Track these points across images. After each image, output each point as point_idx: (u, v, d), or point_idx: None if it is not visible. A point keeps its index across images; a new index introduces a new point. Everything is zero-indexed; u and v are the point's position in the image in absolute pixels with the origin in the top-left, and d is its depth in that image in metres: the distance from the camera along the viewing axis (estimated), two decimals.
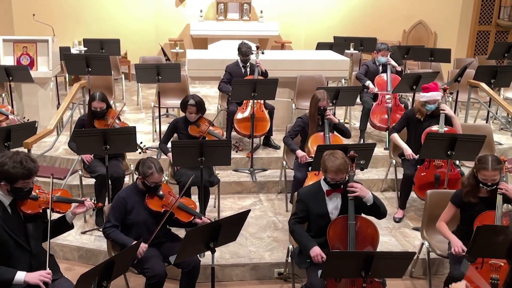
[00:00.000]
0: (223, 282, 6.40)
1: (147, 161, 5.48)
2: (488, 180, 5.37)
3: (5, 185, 4.47)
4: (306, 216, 5.46)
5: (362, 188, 5.34)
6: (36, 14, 12.04)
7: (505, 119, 10.66)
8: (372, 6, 15.31)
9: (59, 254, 6.69)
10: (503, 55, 11.95)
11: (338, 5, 15.74)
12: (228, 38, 14.25)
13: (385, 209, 5.50)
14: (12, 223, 4.56)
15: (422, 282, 6.49)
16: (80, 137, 6.73)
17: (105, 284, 4.30)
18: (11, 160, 4.42)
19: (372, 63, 9.72)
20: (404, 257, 4.74)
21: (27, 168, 4.42)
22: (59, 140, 8.97)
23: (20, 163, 4.41)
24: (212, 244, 4.87)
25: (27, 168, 4.43)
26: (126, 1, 14.82)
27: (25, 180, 4.46)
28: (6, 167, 4.40)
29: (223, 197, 7.92)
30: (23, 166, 4.41)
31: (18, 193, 4.53)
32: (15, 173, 4.39)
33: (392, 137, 7.63)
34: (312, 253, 5.22)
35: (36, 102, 9.57)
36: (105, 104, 7.34)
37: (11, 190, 4.49)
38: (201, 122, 7.38)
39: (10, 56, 9.49)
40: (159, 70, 8.88)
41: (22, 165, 4.41)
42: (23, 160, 4.43)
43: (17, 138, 6.82)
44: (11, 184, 4.45)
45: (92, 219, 7.30)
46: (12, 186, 4.46)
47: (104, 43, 11.83)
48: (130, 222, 5.52)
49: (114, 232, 5.43)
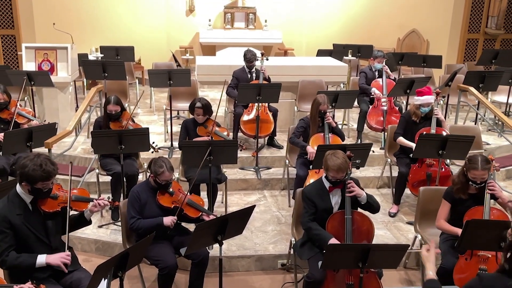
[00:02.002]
0: (230, 272, 6.40)
1: (158, 160, 5.48)
2: (478, 179, 5.36)
3: (26, 185, 4.48)
4: (315, 212, 5.46)
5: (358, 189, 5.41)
6: (56, 23, 12.06)
7: (492, 120, 10.64)
8: (368, 15, 15.30)
9: (77, 247, 6.71)
10: (491, 61, 11.92)
11: (337, 15, 15.74)
12: (234, 46, 14.28)
13: (378, 205, 5.56)
14: (33, 219, 4.57)
15: (415, 272, 6.48)
16: (97, 137, 6.76)
17: (120, 274, 4.29)
18: (31, 163, 4.42)
19: (369, 70, 9.69)
20: (398, 249, 4.73)
21: (46, 171, 4.42)
22: (77, 140, 8.99)
23: (40, 166, 4.40)
24: (220, 237, 4.86)
25: (46, 171, 4.43)
26: (140, 11, 14.84)
27: (44, 182, 4.46)
28: (27, 169, 4.40)
29: (230, 193, 7.92)
30: (43, 169, 4.40)
31: (37, 193, 4.53)
32: (34, 175, 4.40)
33: (399, 140, 7.57)
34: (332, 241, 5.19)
35: (56, 105, 9.58)
36: (120, 107, 7.34)
37: (32, 190, 4.50)
38: (208, 124, 7.39)
39: (32, 62, 9.52)
40: (171, 75, 8.90)
41: (41, 168, 4.40)
42: (43, 163, 4.43)
43: (39, 139, 6.83)
44: (31, 185, 4.46)
45: (108, 214, 7.31)
46: (32, 187, 4.47)
47: (120, 50, 11.84)
48: (143, 217, 5.52)
49: (141, 223, 5.41)
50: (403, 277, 6.40)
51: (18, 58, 12.88)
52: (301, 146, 7.35)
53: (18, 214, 4.49)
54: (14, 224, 4.45)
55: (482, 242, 4.85)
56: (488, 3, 13.95)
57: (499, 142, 9.84)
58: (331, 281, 5.13)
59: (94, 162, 7.83)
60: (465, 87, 9.67)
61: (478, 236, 4.77)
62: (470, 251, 5.19)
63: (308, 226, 5.42)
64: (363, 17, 15.41)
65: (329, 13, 15.74)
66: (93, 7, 14.12)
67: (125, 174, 6.96)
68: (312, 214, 5.44)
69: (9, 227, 4.44)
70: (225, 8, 15.36)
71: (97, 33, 13.97)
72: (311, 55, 14.18)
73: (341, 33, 15.39)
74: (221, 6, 15.45)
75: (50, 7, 13.20)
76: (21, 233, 4.49)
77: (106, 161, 7.27)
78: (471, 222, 4.77)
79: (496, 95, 11.15)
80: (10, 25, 12.89)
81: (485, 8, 14.01)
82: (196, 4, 15.37)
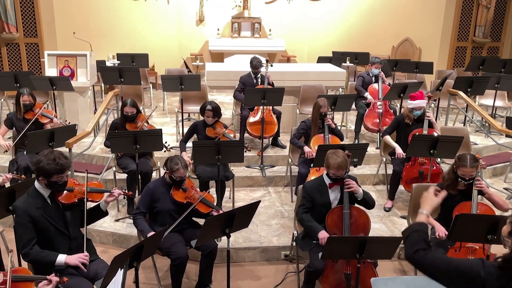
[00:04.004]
0: (237, 263, 6.40)
1: (174, 158, 5.52)
2: (466, 176, 5.36)
3: (43, 180, 4.49)
4: (312, 206, 5.47)
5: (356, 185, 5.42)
6: (76, 32, 12.08)
7: (480, 122, 10.62)
8: (365, 25, 15.28)
9: (96, 239, 6.72)
10: (478, 67, 11.92)
11: (336, 24, 15.71)
12: (241, 53, 14.26)
13: (373, 201, 5.58)
14: (51, 212, 4.57)
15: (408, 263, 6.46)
16: (114, 138, 6.77)
17: (135, 265, 4.30)
18: (46, 158, 4.43)
19: (367, 75, 9.71)
20: (393, 241, 4.73)
21: (60, 164, 4.43)
22: (96, 141, 9.00)
23: (53, 160, 4.41)
24: (227, 230, 4.86)
25: (60, 164, 4.43)
26: (153, 21, 14.86)
27: (59, 175, 4.46)
28: (42, 164, 4.41)
29: (237, 189, 7.91)
30: (56, 163, 4.41)
31: (54, 186, 4.53)
32: (49, 169, 4.40)
33: (385, 138, 7.63)
34: (320, 235, 5.24)
35: (76, 108, 9.61)
36: (135, 109, 7.35)
37: (48, 184, 4.50)
38: (217, 125, 7.40)
39: (53, 68, 9.54)
40: (182, 80, 8.92)
41: (55, 162, 4.41)
42: (56, 158, 4.44)
43: (60, 139, 6.85)
44: (47, 178, 4.46)
45: (124, 209, 7.32)
46: (48, 180, 4.47)
47: (135, 57, 11.86)
48: (157, 210, 5.53)
49: (139, 220, 5.44)
50: (397, 267, 6.39)
51: (41, 65, 12.94)
52: (299, 147, 7.36)
53: (38, 208, 4.50)
54: (35, 217, 4.46)
55: (470, 235, 4.84)
56: (476, 14, 13.94)
57: (486, 142, 9.82)
58: (330, 270, 5.14)
59: (111, 161, 7.84)
60: (454, 91, 9.66)
61: (467, 229, 4.76)
62: (459, 243, 5.20)
63: (301, 217, 5.48)
64: (360, 27, 15.40)
65: (328, 23, 15.73)
66: (110, 17, 14.14)
67: (139, 172, 6.96)
68: (307, 208, 5.48)
69: (30, 221, 4.44)
70: (232, 18, 15.37)
71: (114, 42, 13.99)
72: (312, 61, 14.17)
73: (339, 42, 15.38)
74: (229, 16, 15.47)
75: (71, 17, 13.22)
76: (42, 225, 4.50)
77: (122, 160, 7.30)
78: (460, 216, 4.76)
79: (483, 98, 11.16)
80: (33, 34, 12.91)
81: (473, 18, 13.99)
82: (206, 15, 15.37)
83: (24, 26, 12.85)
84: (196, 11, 15.33)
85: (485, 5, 13.73)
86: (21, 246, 4.47)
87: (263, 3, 15.65)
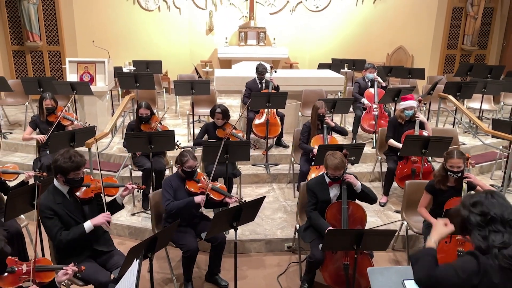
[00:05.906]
0: (244, 253, 6.41)
1: (183, 152, 5.57)
2: (454, 167, 5.37)
3: (61, 177, 4.52)
4: (316, 202, 5.47)
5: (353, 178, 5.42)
6: (95, 40, 12.08)
7: (468, 124, 10.58)
8: (362, 34, 15.25)
9: (113, 231, 6.73)
10: (466, 73, 11.87)
11: (335, 34, 15.69)
12: (247, 60, 14.26)
13: (375, 195, 5.52)
14: (71, 206, 4.59)
15: (402, 253, 6.46)
16: (130, 138, 6.78)
17: (149, 255, 4.30)
18: (62, 157, 4.46)
19: (363, 80, 9.70)
20: (387, 234, 4.72)
21: (75, 161, 4.46)
22: (113, 141, 9.01)
23: (69, 158, 4.44)
24: (235, 224, 4.87)
25: (76, 162, 4.46)
26: (166, 30, 14.87)
27: (75, 171, 4.48)
28: (59, 162, 4.45)
29: (243, 186, 7.94)
30: (72, 160, 4.44)
31: (71, 183, 4.55)
32: (66, 166, 4.43)
33: (390, 142, 7.58)
34: None
35: (95, 110, 9.62)
36: (150, 111, 7.37)
37: (66, 181, 4.53)
38: (226, 126, 7.41)
39: (74, 74, 9.56)
40: (193, 85, 8.93)
41: (71, 159, 4.44)
42: (72, 156, 4.47)
43: (80, 139, 6.87)
44: (64, 176, 4.49)
45: (140, 204, 7.33)
46: (66, 177, 4.50)
47: (149, 63, 11.87)
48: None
49: (175, 203, 5.37)
50: (391, 257, 6.38)
51: (62, 71, 12.94)
52: (309, 150, 7.33)
53: (58, 203, 4.52)
54: (56, 211, 4.49)
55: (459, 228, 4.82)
56: (464, 24, 13.88)
57: (474, 143, 9.78)
58: (330, 261, 5.14)
59: (128, 159, 7.84)
60: (444, 95, 9.63)
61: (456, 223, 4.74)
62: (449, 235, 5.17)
63: (310, 215, 5.46)
64: (357, 36, 15.37)
65: (328, 33, 15.71)
66: (127, 27, 14.15)
67: (154, 170, 6.97)
68: (314, 204, 5.46)
69: (53, 214, 4.47)
70: (239, 28, 15.36)
71: (130, 49, 14.00)
72: (313, 68, 14.19)
73: (338, 49, 15.36)
74: (236, 26, 15.46)
75: (90, 27, 13.23)
76: (63, 219, 4.52)
77: (138, 159, 7.30)
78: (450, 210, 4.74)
79: (471, 102, 11.16)
80: (56, 43, 12.93)
81: (462, 28, 13.94)
82: (215, 25, 15.37)
83: (47, 35, 12.86)
84: (206, 21, 15.33)
85: (472, 16, 13.68)
86: (53, 237, 4.51)
87: (268, 14, 15.66)
